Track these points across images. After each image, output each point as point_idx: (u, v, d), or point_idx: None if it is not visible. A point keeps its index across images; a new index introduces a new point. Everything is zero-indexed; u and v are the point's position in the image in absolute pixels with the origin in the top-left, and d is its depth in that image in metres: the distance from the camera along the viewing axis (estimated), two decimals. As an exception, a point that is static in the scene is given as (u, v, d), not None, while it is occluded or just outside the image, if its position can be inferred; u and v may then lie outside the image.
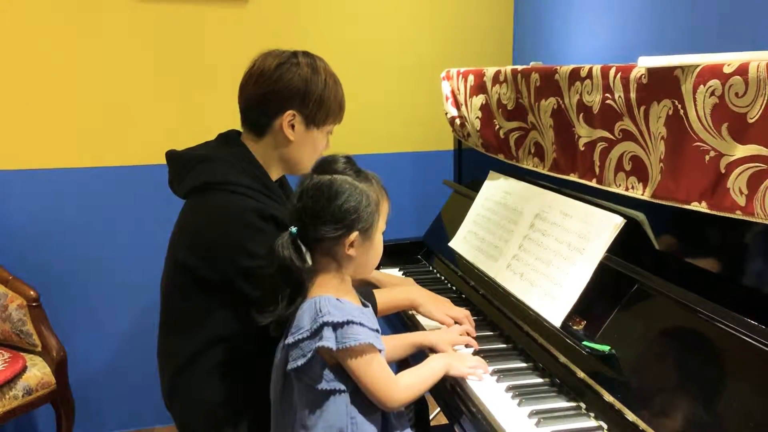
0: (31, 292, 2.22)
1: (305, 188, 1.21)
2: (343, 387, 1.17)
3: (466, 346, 1.47)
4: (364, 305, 1.28)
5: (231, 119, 1.57)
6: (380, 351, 1.19)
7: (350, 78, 1.53)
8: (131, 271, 2.52)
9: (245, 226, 1.35)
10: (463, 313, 1.57)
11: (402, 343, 1.43)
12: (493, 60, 2.75)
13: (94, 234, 2.49)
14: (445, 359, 1.34)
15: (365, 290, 1.47)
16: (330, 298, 1.17)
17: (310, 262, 1.19)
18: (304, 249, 1.19)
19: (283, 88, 1.42)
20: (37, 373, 2.16)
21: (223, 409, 1.43)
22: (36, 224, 2.42)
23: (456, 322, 1.55)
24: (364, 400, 1.19)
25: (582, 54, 2.31)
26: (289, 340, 1.18)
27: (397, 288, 1.69)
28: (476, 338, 1.53)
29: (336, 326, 1.14)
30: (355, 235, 1.19)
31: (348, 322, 1.14)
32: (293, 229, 1.20)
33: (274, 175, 1.52)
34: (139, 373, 2.52)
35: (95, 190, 2.47)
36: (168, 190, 1.52)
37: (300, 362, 1.16)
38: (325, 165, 1.25)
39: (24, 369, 2.12)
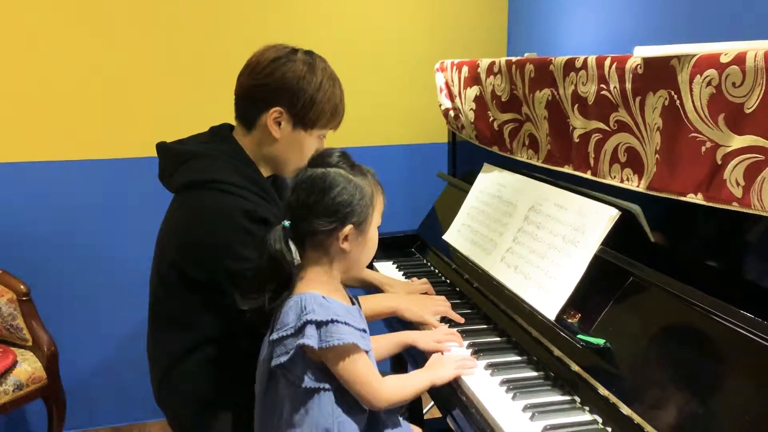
0: (22, 287, 2.21)
1: (299, 181, 1.20)
2: (327, 386, 1.16)
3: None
4: (352, 302, 1.27)
5: (223, 111, 1.55)
6: (367, 351, 1.18)
7: (344, 71, 1.51)
8: (123, 266, 2.51)
9: (234, 227, 1.33)
10: (445, 308, 1.58)
11: (387, 341, 1.43)
12: (487, 52, 2.73)
13: (85, 228, 2.47)
14: (428, 373, 1.32)
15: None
16: (316, 295, 1.16)
17: (298, 258, 1.18)
18: (293, 247, 1.18)
19: (274, 83, 1.39)
20: (28, 368, 2.14)
21: (212, 404, 1.42)
22: (26, 218, 2.40)
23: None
24: (349, 400, 1.18)
25: (577, 45, 2.29)
26: (274, 336, 1.17)
27: (380, 296, 1.69)
28: (470, 331, 1.53)
29: (319, 325, 1.13)
30: (349, 228, 1.18)
31: (332, 321, 1.13)
32: (286, 223, 1.19)
33: (264, 171, 1.49)
34: (130, 368, 2.50)
35: (86, 183, 2.45)
36: (159, 184, 1.50)
37: (283, 359, 1.15)
38: (320, 158, 1.24)
39: (14, 364, 2.11)
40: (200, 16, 2.45)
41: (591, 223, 1.38)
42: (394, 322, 1.71)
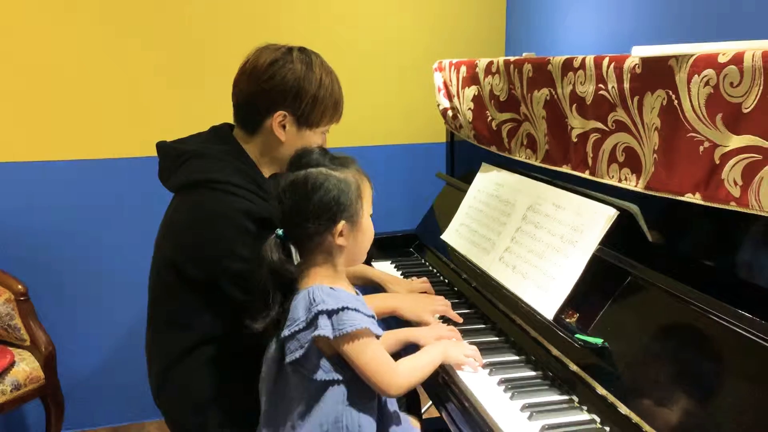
0: (19, 286, 2.20)
1: (282, 188, 1.20)
2: (340, 377, 1.16)
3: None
4: (357, 294, 1.27)
5: (223, 111, 1.54)
6: (377, 337, 1.18)
7: (342, 71, 1.51)
8: (121, 266, 2.50)
9: (233, 227, 1.33)
10: (444, 307, 1.57)
11: (389, 338, 1.43)
12: (486, 52, 2.74)
13: (83, 228, 2.46)
14: (441, 346, 1.33)
15: None
16: (323, 286, 1.17)
17: (298, 259, 1.18)
18: (292, 249, 1.18)
19: (275, 87, 1.38)
20: (26, 368, 2.14)
21: (210, 404, 1.42)
22: (25, 218, 2.39)
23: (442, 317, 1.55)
24: (360, 391, 1.18)
25: (575, 45, 2.29)
26: (285, 332, 1.16)
27: (379, 295, 1.68)
28: (468, 331, 1.53)
29: (331, 314, 1.13)
30: (341, 224, 1.18)
31: (343, 309, 1.13)
32: (279, 232, 1.20)
33: (267, 173, 1.49)
34: (129, 368, 2.49)
35: (85, 183, 2.44)
36: (158, 184, 1.50)
37: (298, 354, 1.15)
38: (299, 160, 1.23)
39: (12, 364, 2.11)
40: (201, 17, 2.45)
41: (589, 222, 1.38)
42: (393, 323, 1.72)
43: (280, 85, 1.38)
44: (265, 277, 1.18)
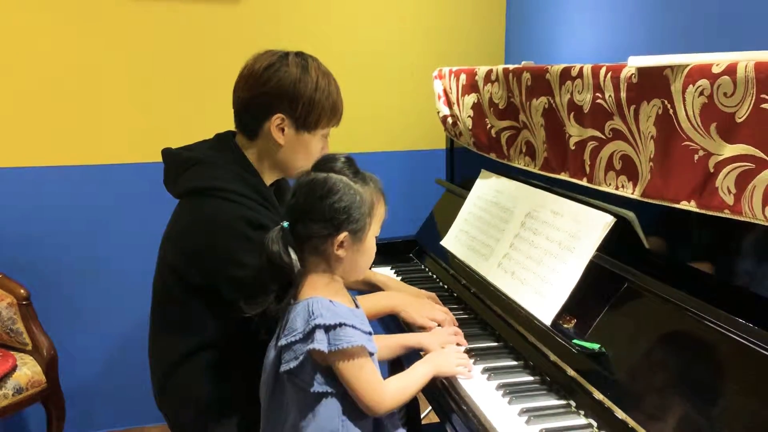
0: (22, 291, 2.21)
1: (300, 184, 1.21)
2: (333, 390, 1.17)
3: (457, 344, 1.47)
4: (357, 306, 1.28)
5: (226, 117, 1.56)
6: (372, 354, 1.19)
7: (343, 77, 1.53)
8: (123, 270, 2.52)
9: (234, 234, 1.34)
10: (444, 315, 1.55)
11: (392, 343, 1.43)
12: (485, 60, 2.75)
13: (85, 233, 2.48)
14: (431, 362, 1.33)
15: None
16: (323, 300, 1.17)
17: (295, 258, 1.19)
18: (292, 245, 1.19)
19: (271, 91, 1.40)
20: (28, 371, 2.15)
21: (212, 408, 1.43)
22: (27, 223, 2.41)
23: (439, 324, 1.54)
24: (355, 403, 1.19)
25: (573, 54, 2.31)
26: (282, 342, 1.17)
27: (378, 294, 1.67)
28: (467, 336, 1.53)
29: (328, 329, 1.14)
30: (344, 235, 1.19)
31: (340, 325, 1.14)
32: (285, 224, 1.20)
33: (269, 179, 1.50)
34: (131, 371, 2.51)
35: (87, 188, 2.46)
36: (161, 189, 1.52)
37: (292, 364, 1.16)
38: (324, 163, 1.24)
39: (14, 368, 2.11)
40: (205, 22, 2.47)
41: (586, 229, 1.39)
42: (392, 326, 1.73)
43: (276, 89, 1.40)
44: (264, 265, 1.20)
